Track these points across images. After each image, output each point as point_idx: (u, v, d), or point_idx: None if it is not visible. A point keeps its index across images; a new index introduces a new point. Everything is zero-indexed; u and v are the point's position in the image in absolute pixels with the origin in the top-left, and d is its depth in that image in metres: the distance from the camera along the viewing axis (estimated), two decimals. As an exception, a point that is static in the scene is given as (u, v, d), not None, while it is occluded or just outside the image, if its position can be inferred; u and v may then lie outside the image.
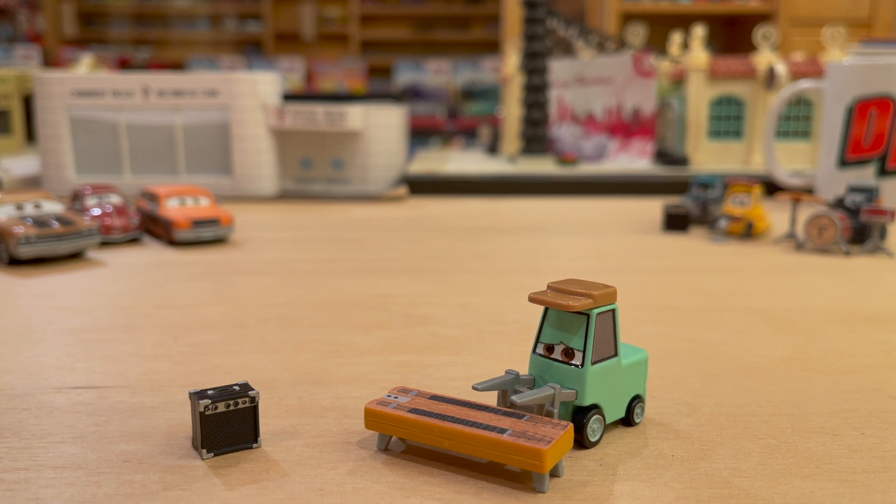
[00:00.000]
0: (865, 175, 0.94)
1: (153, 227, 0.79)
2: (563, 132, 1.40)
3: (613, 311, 0.33)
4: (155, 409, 0.37)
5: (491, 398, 0.36)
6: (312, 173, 1.08)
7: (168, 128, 1.04)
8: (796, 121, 1.24)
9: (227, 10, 4.59)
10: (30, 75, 1.38)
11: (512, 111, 1.45)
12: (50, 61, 3.60)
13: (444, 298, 0.57)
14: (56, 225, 0.67)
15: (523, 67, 1.29)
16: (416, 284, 0.61)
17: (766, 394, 0.39)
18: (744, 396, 0.39)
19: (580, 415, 0.32)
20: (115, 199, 0.78)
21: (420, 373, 0.42)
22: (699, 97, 1.24)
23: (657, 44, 1.63)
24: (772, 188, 1.07)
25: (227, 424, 0.32)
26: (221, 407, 0.31)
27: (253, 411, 0.32)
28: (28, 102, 1.39)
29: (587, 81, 1.36)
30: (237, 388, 0.32)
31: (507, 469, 0.31)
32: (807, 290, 0.60)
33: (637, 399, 0.35)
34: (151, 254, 0.72)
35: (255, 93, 1.02)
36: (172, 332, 0.49)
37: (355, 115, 1.03)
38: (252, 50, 4.56)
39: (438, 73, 3.66)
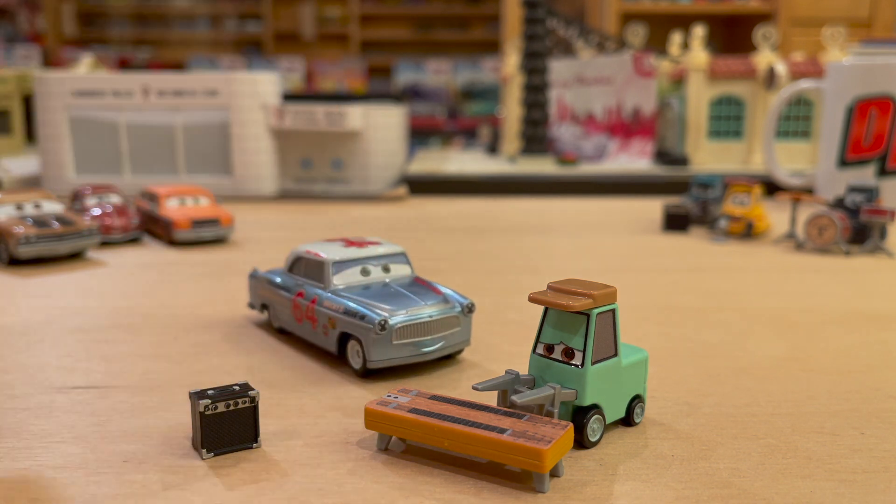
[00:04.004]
0: (865, 175, 0.94)
1: (153, 227, 0.79)
2: (563, 132, 1.40)
3: (613, 311, 0.33)
4: (155, 409, 0.37)
5: (491, 398, 0.36)
6: (312, 173, 1.08)
7: (168, 128, 1.04)
8: (796, 121, 1.24)
9: (227, 10, 4.59)
10: (30, 75, 1.38)
11: (512, 111, 1.45)
12: (50, 61, 3.60)
13: (444, 298, 0.57)
14: (56, 225, 0.67)
15: (523, 67, 1.29)
16: (416, 284, 0.61)
17: (765, 394, 0.39)
18: (743, 396, 0.39)
19: (580, 415, 0.32)
20: (115, 199, 0.79)
21: (420, 373, 0.42)
22: (699, 97, 1.24)
23: (657, 44, 1.63)
24: (772, 188, 1.06)
25: (227, 424, 0.32)
26: (221, 407, 0.31)
27: (253, 411, 0.32)
28: (28, 102, 1.39)
29: (587, 81, 1.36)
30: (237, 388, 0.32)
31: (507, 469, 0.31)
32: (807, 290, 0.60)
33: (637, 399, 0.35)
34: (151, 254, 0.72)
35: (255, 93, 1.02)
36: (172, 332, 0.49)
37: (355, 115, 1.03)
38: (252, 50, 4.56)
39: (438, 73, 3.65)
